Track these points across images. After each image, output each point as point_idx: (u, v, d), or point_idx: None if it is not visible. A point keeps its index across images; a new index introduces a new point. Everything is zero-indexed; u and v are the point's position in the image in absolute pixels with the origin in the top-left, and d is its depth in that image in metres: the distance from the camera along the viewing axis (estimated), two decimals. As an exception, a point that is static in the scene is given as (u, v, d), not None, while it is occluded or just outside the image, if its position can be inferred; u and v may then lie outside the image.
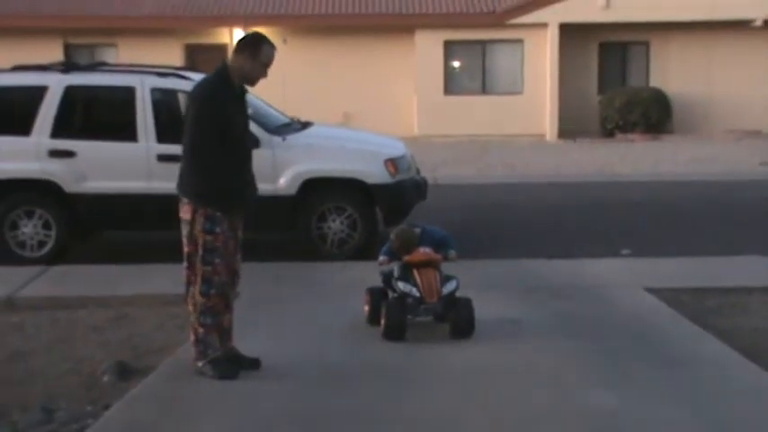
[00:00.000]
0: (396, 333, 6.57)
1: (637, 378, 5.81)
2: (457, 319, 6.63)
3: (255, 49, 5.89)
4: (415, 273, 6.71)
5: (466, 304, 6.66)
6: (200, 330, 5.93)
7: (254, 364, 6.07)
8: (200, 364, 5.94)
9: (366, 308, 7.02)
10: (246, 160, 6.13)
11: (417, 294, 6.61)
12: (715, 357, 6.29)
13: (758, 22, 27.35)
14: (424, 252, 6.77)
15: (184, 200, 5.91)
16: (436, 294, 6.61)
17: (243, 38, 6.02)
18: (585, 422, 5.05)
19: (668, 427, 4.99)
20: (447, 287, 6.69)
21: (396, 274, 6.83)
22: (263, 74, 5.99)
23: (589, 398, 5.43)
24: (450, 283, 6.72)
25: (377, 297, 6.94)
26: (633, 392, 5.52)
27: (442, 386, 5.73)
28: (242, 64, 5.89)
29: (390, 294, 6.88)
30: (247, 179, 6.13)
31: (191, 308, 5.97)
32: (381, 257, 7.00)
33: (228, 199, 5.89)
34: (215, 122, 5.78)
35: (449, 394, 5.58)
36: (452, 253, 6.93)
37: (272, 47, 5.97)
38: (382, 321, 6.65)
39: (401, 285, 6.69)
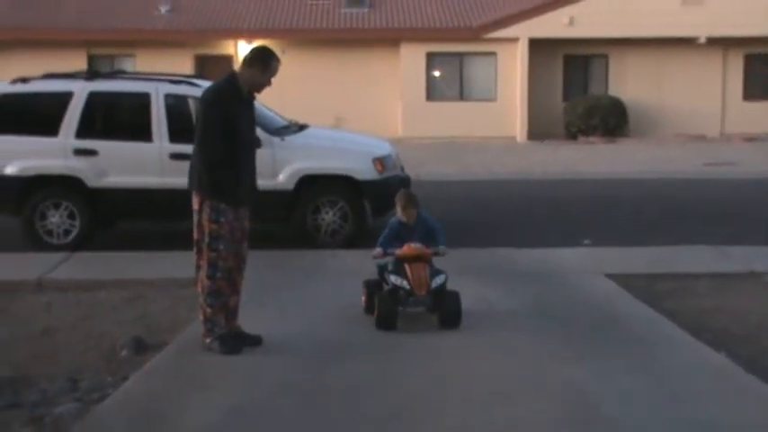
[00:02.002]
0: (387, 323, 6.36)
1: (599, 354, 5.82)
2: (445, 311, 6.41)
3: (266, 63, 5.91)
4: (407, 267, 6.46)
5: (454, 297, 6.44)
6: (208, 310, 5.92)
7: (256, 340, 6.05)
8: (207, 340, 5.92)
9: (363, 298, 6.84)
10: (251, 159, 6.12)
11: (407, 287, 6.38)
12: (666, 335, 6.32)
13: (702, 40, 27.53)
14: (416, 247, 6.53)
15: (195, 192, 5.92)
16: (425, 287, 6.37)
17: (254, 51, 5.98)
18: (555, 394, 5.05)
19: (627, 396, 5.00)
20: (436, 281, 6.43)
21: (389, 267, 6.61)
22: (268, 84, 6.00)
23: (558, 372, 5.43)
24: (439, 277, 6.47)
25: (372, 288, 6.75)
26: (596, 367, 5.53)
27: (426, 362, 5.73)
28: (252, 74, 5.90)
29: (384, 286, 6.68)
30: (251, 175, 6.12)
31: (199, 290, 5.97)
32: (376, 250, 6.71)
33: (233, 193, 5.87)
34: (222, 124, 5.77)
35: (432, 369, 5.58)
36: (442, 248, 6.65)
37: (279, 61, 5.98)
38: (375, 312, 6.50)
39: (393, 278, 6.47)
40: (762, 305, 7.43)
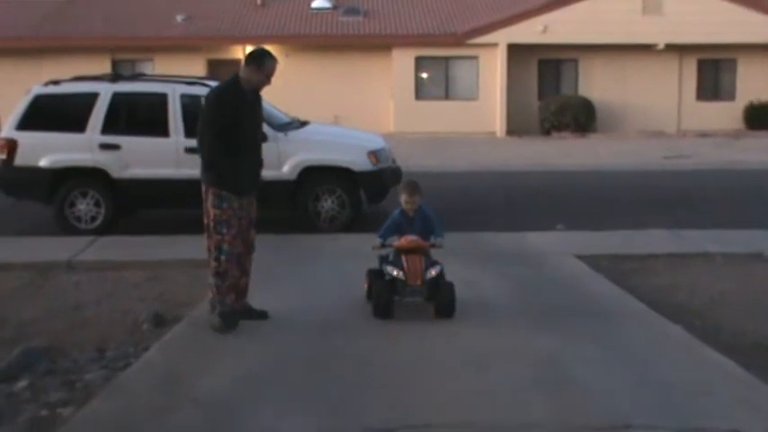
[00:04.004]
0: (383, 311, 6.00)
1: (570, 326, 5.83)
2: (439, 301, 6.03)
3: (260, 61, 5.77)
4: (404, 258, 6.10)
5: (449, 288, 6.07)
6: (214, 290, 5.84)
7: (262, 315, 6.03)
8: (211, 315, 5.86)
9: (366, 287, 6.51)
10: (254, 154, 6.00)
11: (403, 278, 6.02)
12: (629, 309, 6.33)
13: (660, 46, 27.54)
14: (413, 239, 6.20)
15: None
16: (420, 278, 5.99)
17: (250, 52, 5.87)
18: (531, 363, 5.06)
19: (596, 363, 5.01)
20: (431, 272, 6.06)
21: (389, 258, 6.30)
22: (267, 82, 5.87)
23: (533, 343, 5.44)
24: (434, 268, 6.09)
25: (373, 277, 6.40)
26: (567, 337, 5.54)
27: (416, 336, 5.73)
28: (249, 73, 5.78)
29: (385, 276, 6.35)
30: (253, 169, 6.00)
31: (210, 270, 5.92)
32: (376, 241, 6.30)
33: (233, 184, 5.77)
34: (221, 121, 5.66)
35: (422, 342, 5.58)
36: (440, 240, 6.22)
37: (274, 60, 5.83)
38: (373, 301, 6.20)
39: (389, 269, 6.12)
40: (713, 283, 7.45)
